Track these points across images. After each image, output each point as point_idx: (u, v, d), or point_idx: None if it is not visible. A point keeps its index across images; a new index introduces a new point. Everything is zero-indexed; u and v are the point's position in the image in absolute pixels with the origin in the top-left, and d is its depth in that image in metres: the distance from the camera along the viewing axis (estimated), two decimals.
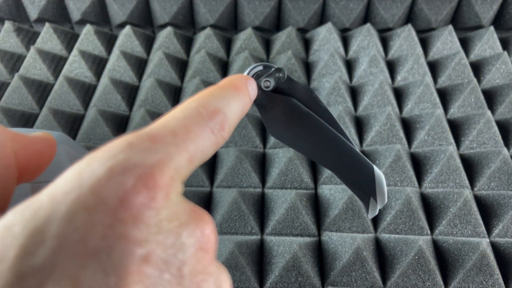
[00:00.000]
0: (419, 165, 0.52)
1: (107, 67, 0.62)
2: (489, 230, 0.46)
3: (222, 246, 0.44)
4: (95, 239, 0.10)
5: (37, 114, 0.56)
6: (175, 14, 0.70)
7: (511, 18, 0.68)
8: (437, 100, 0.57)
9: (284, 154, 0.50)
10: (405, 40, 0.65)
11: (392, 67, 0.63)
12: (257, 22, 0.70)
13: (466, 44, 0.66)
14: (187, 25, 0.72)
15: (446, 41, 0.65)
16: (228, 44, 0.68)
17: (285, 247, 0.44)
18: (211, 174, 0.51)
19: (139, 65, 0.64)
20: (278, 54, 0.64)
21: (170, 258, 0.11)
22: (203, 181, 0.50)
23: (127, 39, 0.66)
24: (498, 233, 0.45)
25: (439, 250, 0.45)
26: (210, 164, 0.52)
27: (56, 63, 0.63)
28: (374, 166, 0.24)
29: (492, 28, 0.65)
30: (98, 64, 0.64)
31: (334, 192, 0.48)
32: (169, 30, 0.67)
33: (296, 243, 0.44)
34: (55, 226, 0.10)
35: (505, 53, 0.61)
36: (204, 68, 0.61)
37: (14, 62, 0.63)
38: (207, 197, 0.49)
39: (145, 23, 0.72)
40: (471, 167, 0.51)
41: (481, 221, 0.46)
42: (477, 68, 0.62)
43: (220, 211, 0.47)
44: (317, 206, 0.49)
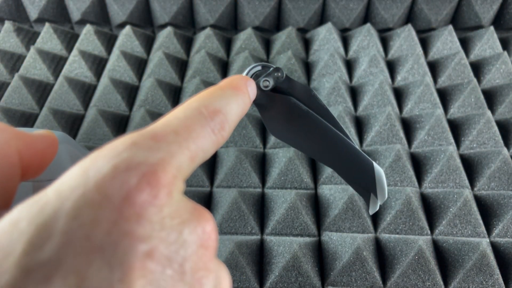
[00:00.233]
0: (419, 165, 0.52)
1: (107, 67, 0.62)
2: (489, 230, 0.46)
3: (222, 246, 0.44)
4: (100, 235, 0.10)
5: (37, 114, 0.56)
6: (175, 14, 0.70)
7: (511, 18, 0.68)
8: (437, 100, 0.57)
9: (284, 154, 0.50)
10: (405, 40, 0.65)
11: (392, 67, 0.63)
12: (257, 22, 0.70)
13: (466, 44, 0.66)
14: (187, 25, 0.72)
15: (446, 41, 0.65)
16: (228, 44, 0.68)
17: (285, 247, 0.44)
18: (211, 174, 0.51)
19: (139, 65, 0.64)
20: (278, 54, 0.64)
21: (172, 255, 0.11)
22: (203, 181, 0.50)
23: (127, 39, 0.66)
24: (498, 233, 0.45)
25: (439, 250, 0.45)
26: (210, 164, 0.52)
27: (56, 63, 0.63)
28: (374, 163, 0.24)
29: (492, 28, 0.65)
30: (98, 64, 0.64)
31: (334, 192, 0.48)
32: (169, 30, 0.67)
33: (296, 243, 0.44)
34: (61, 222, 0.10)
35: (505, 53, 0.61)
36: (204, 68, 0.61)
37: (14, 62, 0.63)
38: (207, 197, 0.49)
39: (145, 23, 0.72)
40: (471, 167, 0.51)
41: (481, 221, 0.46)
42: (477, 68, 0.62)
43: (220, 211, 0.47)
44: (317, 206, 0.49)
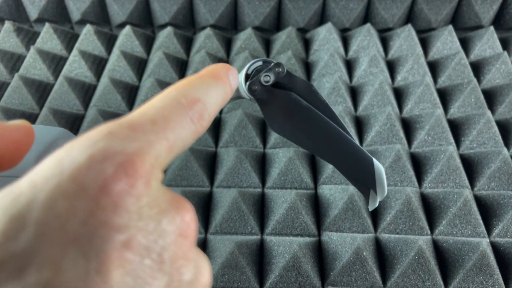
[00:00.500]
0: (419, 165, 0.52)
1: (107, 67, 0.62)
2: (489, 230, 0.46)
3: (222, 246, 0.44)
4: (76, 225, 0.10)
5: (37, 114, 0.56)
6: (175, 14, 0.70)
7: (511, 18, 0.68)
8: (437, 100, 0.57)
9: (284, 154, 0.50)
10: (405, 40, 0.65)
11: (392, 67, 0.63)
12: (257, 22, 0.70)
13: (466, 44, 0.66)
14: (187, 25, 0.72)
15: (446, 41, 0.65)
16: (228, 44, 0.68)
17: (285, 247, 0.44)
18: (211, 174, 0.51)
19: (139, 65, 0.64)
20: (278, 54, 0.64)
21: (150, 244, 0.11)
22: (203, 181, 0.50)
23: (127, 39, 0.66)
24: (498, 233, 0.45)
25: (439, 250, 0.45)
26: (210, 164, 0.52)
27: (56, 63, 0.63)
28: (374, 159, 0.24)
29: (492, 28, 0.65)
30: (98, 64, 0.64)
31: (334, 192, 0.48)
32: (169, 30, 0.67)
33: (296, 243, 0.44)
34: (35, 213, 0.10)
35: (505, 53, 0.61)
36: None
37: (14, 62, 0.63)
38: (207, 197, 0.49)
39: (145, 23, 0.72)
40: (471, 167, 0.51)
41: (481, 221, 0.46)
42: (477, 68, 0.62)
43: (220, 211, 0.47)
44: (317, 206, 0.49)
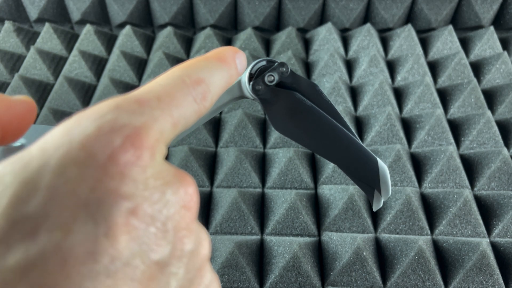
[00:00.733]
0: (419, 165, 0.52)
1: (107, 67, 0.62)
2: (489, 230, 0.46)
3: (222, 246, 0.44)
4: (85, 191, 0.11)
5: (37, 114, 0.56)
6: (175, 14, 0.70)
7: (511, 18, 0.68)
8: (437, 100, 0.57)
9: (284, 154, 0.50)
10: (405, 40, 0.65)
11: (392, 67, 0.63)
12: (257, 22, 0.70)
13: (466, 44, 0.66)
14: (187, 25, 0.72)
15: (446, 41, 0.65)
16: (228, 44, 0.68)
17: (285, 247, 0.44)
18: (211, 174, 0.51)
19: (139, 65, 0.64)
20: (278, 54, 0.64)
21: (155, 213, 0.12)
22: (203, 181, 0.50)
23: (127, 39, 0.66)
24: (498, 233, 0.45)
25: (439, 250, 0.45)
26: (210, 164, 0.52)
27: (56, 63, 0.63)
28: (378, 159, 0.24)
29: (492, 28, 0.65)
30: (98, 64, 0.64)
31: (334, 192, 0.48)
32: (169, 30, 0.67)
33: (296, 243, 0.44)
34: (46, 178, 0.10)
35: (505, 53, 0.61)
36: None
37: (14, 62, 0.63)
38: (207, 197, 0.49)
39: (145, 23, 0.72)
40: (471, 167, 0.51)
41: (481, 221, 0.46)
42: (477, 68, 0.62)
43: (220, 211, 0.47)
44: (317, 206, 0.49)
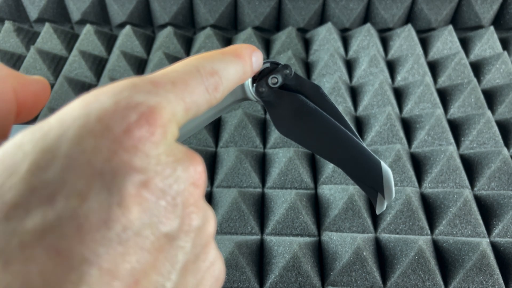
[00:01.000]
0: (419, 165, 0.52)
1: (107, 67, 0.62)
2: (489, 230, 0.46)
3: (222, 246, 0.44)
4: (101, 162, 0.11)
5: (37, 114, 0.56)
6: (175, 14, 0.70)
7: (511, 18, 0.68)
8: (437, 100, 0.57)
9: (284, 154, 0.50)
10: (405, 40, 0.65)
11: (392, 67, 0.63)
12: (257, 22, 0.70)
13: (466, 44, 0.66)
14: (187, 25, 0.72)
15: (446, 41, 0.65)
16: (228, 44, 0.68)
17: (285, 247, 0.44)
18: (211, 174, 0.51)
19: (139, 65, 0.64)
20: (278, 54, 0.64)
21: (166, 188, 0.12)
22: None
23: (127, 39, 0.66)
24: (498, 233, 0.45)
25: (439, 250, 0.45)
26: (210, 164, 0.52)
27: (56, 63, 0.63)
28: (382, 162, 0.24)
29: (492, 28, 0.65)
30: (98, 64, 0.64)
31: (334, 192, 0.48)
32: (169, 30, 0.67)
33: (296, 243, 0.44)
34: (64, 147, 0.11)
35: (505, 53, 0.61)
36: None
37: (14, 62, 0.63)
38: (207, 197, 0.49)
39: (145, 23, 0.72)
40: (471, 167, 0.51)
41: (481, 221, 0.46)
42: (477, 68, 0.62)
43: (220, 211, 0.47)
44: (317, 206, 0.49)
